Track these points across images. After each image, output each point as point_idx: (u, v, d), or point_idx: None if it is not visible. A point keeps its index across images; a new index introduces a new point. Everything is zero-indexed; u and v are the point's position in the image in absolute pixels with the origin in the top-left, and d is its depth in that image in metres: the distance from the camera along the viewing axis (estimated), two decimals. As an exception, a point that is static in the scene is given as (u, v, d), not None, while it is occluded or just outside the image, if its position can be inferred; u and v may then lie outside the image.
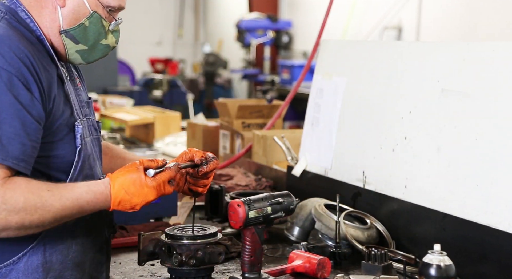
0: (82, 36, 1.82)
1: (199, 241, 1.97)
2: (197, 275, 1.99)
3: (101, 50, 1.88)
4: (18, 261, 1.73)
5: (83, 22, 1.81)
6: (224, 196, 2.67)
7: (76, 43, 1.82)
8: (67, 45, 1.82)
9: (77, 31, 1.81)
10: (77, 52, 1.84)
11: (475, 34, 6.54)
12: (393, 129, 2.40)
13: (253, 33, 9.67)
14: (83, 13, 1.81)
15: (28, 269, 1.73)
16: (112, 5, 1.84)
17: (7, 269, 1.72)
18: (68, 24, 1.80)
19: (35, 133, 1.67)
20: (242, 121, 3.74)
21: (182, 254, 1.95)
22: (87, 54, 1.86)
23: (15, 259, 1.72)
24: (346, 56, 2.72)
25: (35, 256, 1.74)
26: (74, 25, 1.81)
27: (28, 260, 1.73)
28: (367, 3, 8.19)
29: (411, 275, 2.11)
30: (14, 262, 1.72)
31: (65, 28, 1.80)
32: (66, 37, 1.81)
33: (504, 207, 1.96)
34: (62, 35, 1.81)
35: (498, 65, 2.04)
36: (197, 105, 9.87)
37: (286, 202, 2.00)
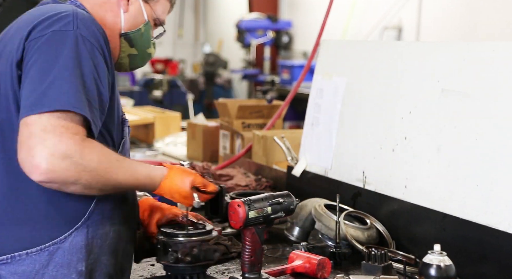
0: (137, 40, 1.99)
1: (194, 238, 1.99)
2: (193, 272, 2.01)
3: (145, 58, 2.05)
4: (64, 240, 1.79)
5: (140, 28, 1.98)
6: (224, 196, 2.67)
7: (131, 46, 1.98)
8: (123, 48, 1.97)
9: (135, 35, 1.98)
10: (128, 56, 1.99)
11: (475, 34, 6.54)
12: (393, 129, 2.40)
13: (253, 33, 9.67)
14: (141, 20, 1.99)
15: (73, 249, 1.80)
16: (161, 18, 2.04)
17: (54, 247, 1.77)
18: (127, 28, 1.97)
19: (103, 105, 1.80)
20: (242, 121, 3.74)
21: (178, 251, 1.97)
22: (135, 60, 2.02)
23: (62, 238, 1.78)
24: (346, 56, 2.72)
25: (79, 237, 1.80)
26: (133, 29, 1.97)
27: (73, 241, 1.80)
28: (367, 3, 8.19)
29: (411, 275, 2.10)
30: (60, 241, 1.78)
31: (125, 31, 1.96)
32: (124, 40, 1.96)
33: (504, 207, 1.96)
34: (122, 37, 1.96)
35: (498, 65, 2.04)
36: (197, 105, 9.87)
37: (286, 202, 2.00)
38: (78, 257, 1.80)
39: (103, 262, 1.87)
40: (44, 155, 1.62)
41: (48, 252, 1.76)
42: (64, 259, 1.78)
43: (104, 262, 1.87)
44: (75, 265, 1.80)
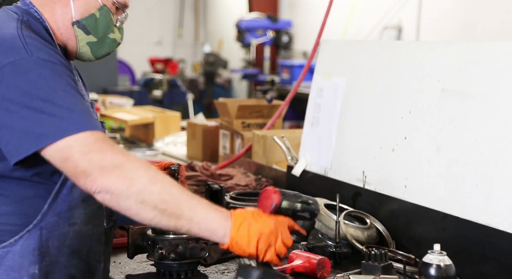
0: (93, 27, 1.92)
1: (183, 236, 2.03)
2: (180, 269, 2.05)
3: (109, 44, 1.98)
4: (14, 243, 1.77)
5: (94, 13, 1.92)
6: (224, 196, 2.67)
7: (87, 34, 1.92)
8: (78, 36, 1.91)
9: (89, 21, 1.91)
10: (87, 44, 1.93)
11: (475, 34, 6.54)
12: (393, 129, 2.40)
13: (253, 33, 9.67)
14: (94, 5, 1.92)
15: (24, 252, 1.77)
16: (121, 1, 1.96)
17: (4, 251, 1.76)
18: (79, 16, 1.91)
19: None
20: (242, 121, 3.74)
21: (163, 248, 2.02)
22: (96, 47, 1.95)
23: (12, 241, 1.77)
24: (346, 56, 2.72)
25: (31, 240, 1.78)
26: (86, 15, 1.91)
27: (24, 243, 1.77)
28: (367, 3, 8.19)
29: (411, 275, 2.11)
30: (11, 244, 1.76)
31: (77, 19, 1.90)
32: (78, 28, 1.90)
33: (504, 207, 1.96)
34: (74, 26, 1.90)
35: (498, 65, 2.04)
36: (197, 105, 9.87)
37: (313, 205, 1.97)
38: (30, 260, 1.78)
39: (63, 263, 1.84)
40: (96, 170, 1.61)
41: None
42: (15, 262, 1.77)
43: (63, 263, 1.84)
44: (27, 268, 1.78)
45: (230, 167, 3.41)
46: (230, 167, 3.41)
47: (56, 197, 1.80)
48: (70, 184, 1.81)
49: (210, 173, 3.15)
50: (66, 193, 1.82)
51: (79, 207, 1.85)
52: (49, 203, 1.79)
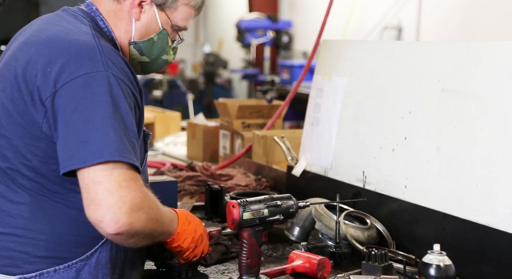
0: (148, 49, 1.97)
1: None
2: (180, 269, 2.07)
3: (160, 64, 2.03)
4: (91, 256, 1.80)
5: (152, 37, 1.96)
6: (224, 196, 2.67)
7: (141, 55, 1.97)
8: (132, 55, 1.96)
9: (145, 45, 1.96)
10: (139, 63, 1.98)
11: (475, 34, 6.54)
12: (393, 129, 2.40)
13: (253, 33, 9.66)
14: (154, 29, 1.96)
15: (98, 265, 1.81)
16: (180, 25, 2.01)
17: (81, 264, 1.79)
18: (138, 37, 1.95)
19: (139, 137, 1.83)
20: (242, 121, 3.74)
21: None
22: (146, 66, 2.01)
23: (89, 254, 1.80)
24: (346, 56, 2.72)
25: (104, 253, 1.82)
26: (144, 38, 1.95)
27: (99, 256, 1.81)
28: (367, 3, 8.19)
29: (411, 275, 2.11)
30: (87, 257, 1.80)
31: (135, 40, 1.95)
32: (133, 48, 1.95)
33: (504, 207, 1.96)
34: (131, 46, 1.95)
35: (498, 65, 2.04)
36: (197, 105, 9.87)
37: (285, 205, 1.99)
38: (103, 272, 1.82)
39: (126, 276, 1.89)
40: (124, 210, 1.64)
41: (75, 268, 1.78)
42: (91, 275, 1.80)
43: (126, 276, 1.89)
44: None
45: (230, 167, 3.41)
46: (230, 167, 3.41)
47: None
48: None
49: (210, 173, 3.15)
50: None
51: None
52: None
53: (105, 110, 1.68)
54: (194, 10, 2.01)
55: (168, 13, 1.96)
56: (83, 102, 1.68)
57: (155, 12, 1.94)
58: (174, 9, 1.96)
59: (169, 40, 2.00)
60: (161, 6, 1.94)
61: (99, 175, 1.64)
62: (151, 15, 1.94)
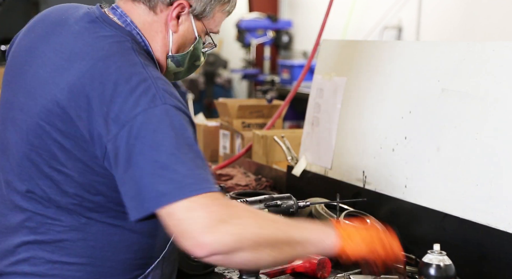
0: (185, 61, 1.88)
1: None
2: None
3: (192, 70, 1.95)
4: (147, 275, 1.78)
5: (190, 49, 1.86)
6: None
7: (178, 66, 1.87)
8: (169, 68, 1.86)
9: (183, 56, 1.86)
10: (174, 73, 1.90)
11: (475, 34, 6.54)
12: (393, 129, 2.40)
13: (253, 33, 9.66)
14: (190, 38, 1.85)
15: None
16: (214, 31, 1.90)
17: None
18: (176, 49, 1.84)
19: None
20: (242, 121, 3.74)
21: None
22: (182, 74, 1.93)
23: (146, 274, 1.78)
24: (346, 56, 2.72)
25: (158, 269, 1.80)
26: (181, 51, 1.85)
27: (153, 274, 1.79)
28: (367, 3, 8.19)
29: (411, 275, 2.10)
30: (144, 277, 1.78)
31: (173, 53, 1.84)
32: (171, 61, 1.85)
33: (504, 207, 1.96)
34: (168, 59, 1.84)
35: (498, 65, 2.04)
36: (197, 105, 9.86)
37: (285, 205, 2.00)
38: None
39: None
40: (199, 230, 1.50)
41: None
42: None
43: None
44: None
45: (230, 167, 3.41)
46: (230, 167, 3.41)
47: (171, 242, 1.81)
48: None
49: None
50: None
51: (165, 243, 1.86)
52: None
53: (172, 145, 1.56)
54: (227, 14, 1.91)
55: (205, 22, 1.85)
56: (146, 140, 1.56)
57: (192, 22, 1.83)
58: (210, 18, 1.85)
59: (201, 46, 1.92)
60: (198, 16, 1.83)
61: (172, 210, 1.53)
62: (188, 25, 1.83)
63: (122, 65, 1.65)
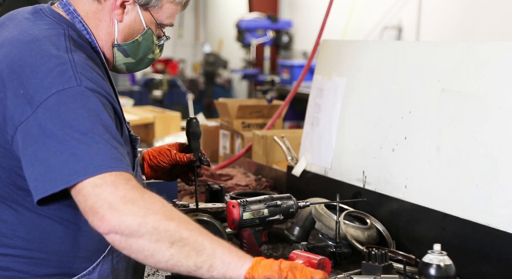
0: (133, 51, 1.88)
1: None
2: None
3: (146, 63, 1.95)
4: (93, 271, 1.76)
5: (137, 39, 1.86)
6: (224, 196, 2.67)
7: (126, 56, 1.88)
8: (116, 57, 1.87)
9: (130, 47, 1.87)
10: (124, 64, 1.90)
11: (475, 34, 6.54)
12: (393, 129, 2.40)
13: (253, 33, 9.67)
14: (138, 29, 1.86)
15: (101, 278, 1.77)
16: (165, 23, 1.90)
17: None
18: (122, 39, 1.85)
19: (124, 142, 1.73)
20: (242, 121, 3.74)
21: None
22: (133, 66, 1.92)
23: (90, 269, 1.76)
24: (346, 56, 2.72)
25: (106, 265, 1.78)
26: (128, 40, 1.86)
27: (101, 269, 1.77)
28: (367, 3, 8.19)
29: (411, 275, 2.11)
30: (89, 272, 1.76)
31: (119, 42, 1.85)
32: (118, 51, 1.86)
33: (504, 207, 1.96)
34: (115, 48, 1.85)
35: (498, 65, 2.04)
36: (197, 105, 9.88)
37: (285, 205, 2.00)
38: None
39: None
40: (104, 206, 1.51)
41: None
42: None
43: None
44: None
45: (230, 167, 3.41)
46: (230, 167, 3.41)
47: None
48: None
49: (210, 173, 3.15)
50: None
51: None
52: None
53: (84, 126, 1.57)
54: (180, 6, 1.91)
55: (152, 12, 1.85)
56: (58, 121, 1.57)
57: (139, 12, 1.83)
58: (159, 8, 1.86)
59: (154, 38, 1.90)
60: (144, 6, 1.83)
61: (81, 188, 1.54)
62: (135, 15, 1.83)
63: (45, 48, 1.67)
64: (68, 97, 1.60)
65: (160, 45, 1.95)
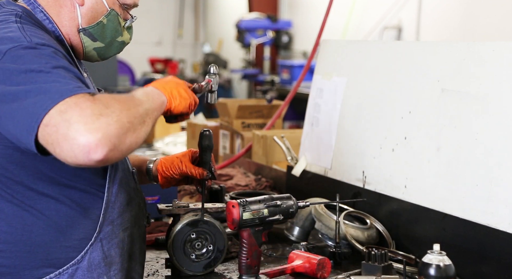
0: (100, 34, 1.87)
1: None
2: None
3: (117, 47, 1.94)
4: (81, 259, 1.76)
5: (101, 20, 1.86)
6: (224, 196, 2.67)
7: (94, 40, 1.87)
8: (85, 43, 1.87)
9: (96, 29, 1.86)
10: (94, 49, 1.89)
11: (475, 34, 6.54)
12: (393, 129, 2.40)
13: (253, 33, 9.66)
14: (101, 11, 1.86)
15: (91, 266, 1.77)
16: (128, 2, 1.91)
17: (73, 269, 1.75)
18: (86, 22, 1.85)
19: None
20: (242, 121, 3.74)
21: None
22: (103, 51, 1.91)
23: (79, 258, 1.76)
24: (346, 56, 2.72)
25: (95, 253, 1.78)
26: (93, 23, 1.85)
27: (90, 257, 1.77)
28: (367, 3, 8.19)
29: (411, 275, 2.11)
30: (78, 261, 1.76)
31: (83, 26, 1.85)
32: (84, 35, 1.85)
33: (504, 207, 1.96)
34: (81, 33, 1.85)
35: (498, 65, 2.04)
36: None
37: (285, 205, 2.00)
38: (98, 272, 1.78)
39: (126, 269, 1.86)
40: (81, 131, 1.48)
41: (67, 274, 1.74)
42: (85, 277, 1.76)
43: (126, 269, 1.86)
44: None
45: (230, 167, 3.41)
46: (230, 167, 3.41)
47: (107, 206, 1.79)
48: (115, 190, 1.81)
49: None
50: (114, 199, 1.81)
51: (126, 211, 1.85)
52: (102, 213, 1.77)
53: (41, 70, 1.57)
54: None
55: None
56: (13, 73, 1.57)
57: None
58: None
59: (120, 20, 1.90)
60: None
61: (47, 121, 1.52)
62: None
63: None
64: (20, 51, 1.60)
65: (129, 27, 1.95)
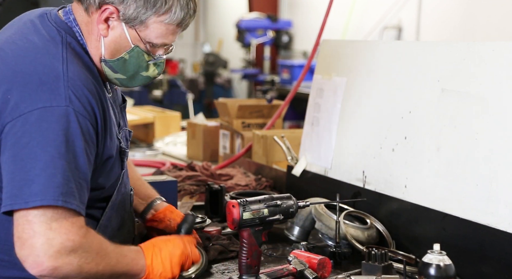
0: (121, 67, 1.85)
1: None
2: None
3: (141, 80, 1.92)
4: None
5: (123, 56, 1.84)
6: (224, 196, 2.67)
7: (115, 72, 1.85)
8: (106, 72, 1.86)
9: (116, 64, 1.85)
10: (116, 79, 1.88)
11: (475, 34, 6.54)
12: (393, 129, 2.40)
13: (253, 33, 9.66)
14: (124, 46, 1.84)
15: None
16: (155, 42, 1.85)
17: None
18: (109, 54, 1.83)
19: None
20: (242, 121, 3.74)
21: None
22: (125, 82, 1.90)
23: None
24: (346, 56, 2.72)
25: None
26: (115, 57, 1.83)
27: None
28: (367, 3, 8.19)
29: (411, 275, 2.11)
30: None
31: (105, 58, 1.83)
32: (105, 66, 1.84)
33: (504, 207, 1.96)
34: (102, 63, 1.84)
35: (498, 65, 2.04)
36: (197, 105, 9.87)
37: (285, 205, 1.99)
38: None
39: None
40: (50, 253, 1.60)
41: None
42: None
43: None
44: None
45: (230, 167, 3.41)
46: (230, 167, 3.41)
47: (99, 230, 1.82)
48: (110, 215, 1.85)
49: (210, 173, 3.15)
50: (107, 224, 1.85)
51: (116, 236, 1.87)
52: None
53: (57, 149, 1.61)
54: (173, 26, 1.84)
55: (138, 31, 1.81)
56: (35, 136, 1.61)
57: (124, 29, 1.81)
58: (145, 27, 1.81)
59: (145, 56, 1.86)
60: (129, 24, 1.80)
61: (31, 215, 1.59)
62: (120, 32, 1.81)
63: (42, 57, 1.70)
64: (52, 115, 1.63)
65: (159, 63, 1.92)
